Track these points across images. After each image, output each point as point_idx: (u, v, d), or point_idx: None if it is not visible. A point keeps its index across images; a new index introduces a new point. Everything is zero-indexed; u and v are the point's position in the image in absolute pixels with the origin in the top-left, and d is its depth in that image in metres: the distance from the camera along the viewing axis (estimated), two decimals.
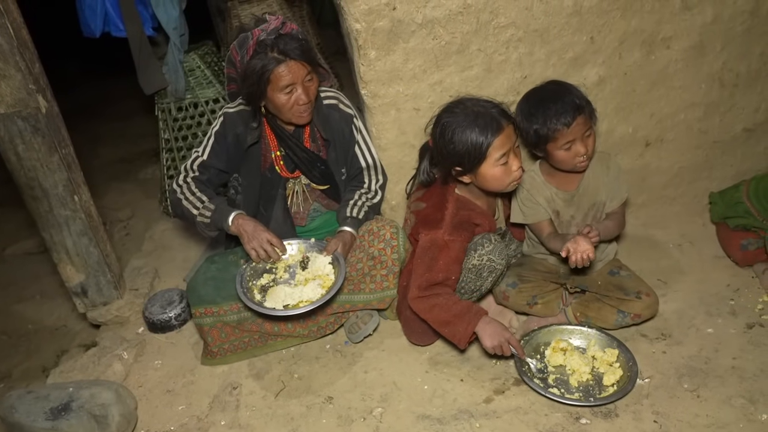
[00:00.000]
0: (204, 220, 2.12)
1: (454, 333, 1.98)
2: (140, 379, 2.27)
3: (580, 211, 2.17)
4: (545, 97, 2.02)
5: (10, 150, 2.19)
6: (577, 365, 1.99)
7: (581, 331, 2.13)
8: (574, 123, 1.96)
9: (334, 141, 2.21)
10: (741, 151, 2.75)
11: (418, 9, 2.10)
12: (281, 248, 2.10)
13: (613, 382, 1.93)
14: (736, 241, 2.42)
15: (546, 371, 2.02)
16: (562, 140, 1.99)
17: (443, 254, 2.00)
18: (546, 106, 1.99)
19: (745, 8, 2.40)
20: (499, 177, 1.94)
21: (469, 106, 1.93)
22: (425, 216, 2.10)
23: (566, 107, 1.96)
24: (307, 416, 1.98)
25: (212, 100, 3.32)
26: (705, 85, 2.52)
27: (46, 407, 1.94)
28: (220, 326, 2.18)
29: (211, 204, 2.13)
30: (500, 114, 1.90)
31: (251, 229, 2.07)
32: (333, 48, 5.22)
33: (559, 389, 1.93)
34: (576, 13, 2.23)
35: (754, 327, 2.11)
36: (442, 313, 1.99)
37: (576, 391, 1.93)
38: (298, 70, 2.00)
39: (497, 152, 1.89)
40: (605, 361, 2.00)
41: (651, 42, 2.37)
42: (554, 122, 1.96)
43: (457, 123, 1.91)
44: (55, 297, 3.17)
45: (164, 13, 3.03)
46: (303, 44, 2.01)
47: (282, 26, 2.00)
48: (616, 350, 2.02)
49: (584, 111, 1.98)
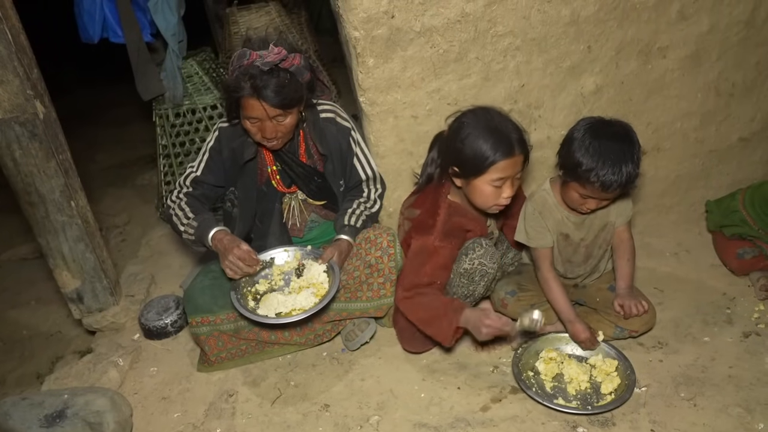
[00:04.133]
0: (189, 237, 2.12)
1: (437, 331, 1.96)
2: (136, 386, 2.26)
3: (591, 233, 2.10)
4: (610, 147, 1.82)
5: (7, 155, 2.18)
6: (575, 374, 1.99)
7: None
8: (615, 192, 1.87)
9: (331, 155, 2.19)
10: (737, 160, 2.76)
11: (417, 17, 2.11)
12: (251, 262, 2.03)
13: (611, 391, 1.92)
14: (732, 250, 2.42)
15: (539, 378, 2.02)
16: (591, 193, 1.89)
17: (431, 260, 2.00)
18: (607, 156, 1.81)
19: (740, 18, 2.42)
20: (486, 195, 1.93)
21: (494, 119, 1.90)
22: (418, 222, 2.10)
23: (620, 169, 1.80)
24: (303, 424, 1.97)
25: (210, 107, 3.32)
26: (701, 95, 2.54)
27: (41, 414, 1.93)
28: (216, 335, 2.17)
29: (195, 221, 2.11)
30: (517, 141, 1.87)
31: (223, 248, 2.03)
32: (331, 55, 5.24)
33: (557, 397, 1.93)
34: (573, 22, 2.24)
35: (750, 336, 2.12)
36: (425, 312, 1.98)
37: (574, 399, 1.93)
38: (266, 110, 1.94)
39: (496, 174, 1.87)
40: (603, 370, 1.99)
41: (648, 51, 2.39)
42: (606, 175, 1.80)
43: (475, 127, 1.89)
44: (50, 303, 3.16)
45: (163, 20, 3.04)
46: (285, 86, 1.93)
47: (281, 61, 1.94)
48: (615, 360, 2.01)
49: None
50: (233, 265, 2.01)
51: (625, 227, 2.13)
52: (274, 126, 2.00)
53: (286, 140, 2.10)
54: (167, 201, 2.21)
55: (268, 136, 2.01)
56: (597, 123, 1.90)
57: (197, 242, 2.12)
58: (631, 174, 1.82)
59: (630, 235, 2.15)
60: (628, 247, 2.12)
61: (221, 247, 2.04)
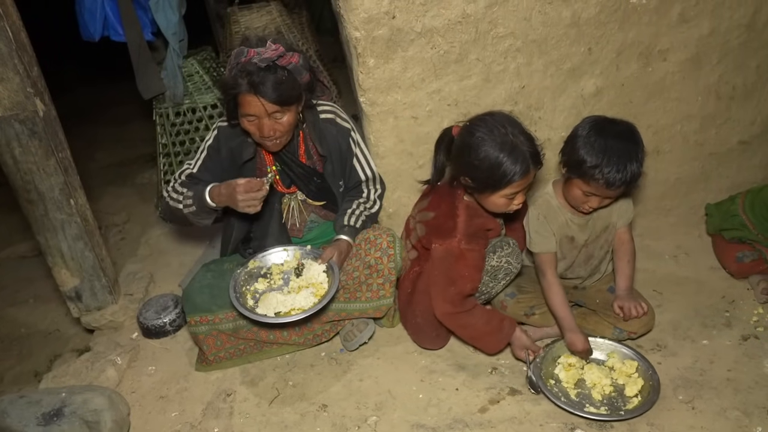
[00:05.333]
0: (191, 210, 2.08)
1: (485, 345, 2.09)
2: (133, 385, 2.26)
3: (594, 234, 2.11)
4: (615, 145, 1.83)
5: (7, 153, 2.18)
6: (597, 378, 1.96)
7: (598, 343, 2.08)
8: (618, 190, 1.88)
9: (330, 156, 2.19)
10: (737, 164, 2.76)
11: (418, 18, 2.11)
12: (257, 185, 1.96)
13: (636, 392, 1.90)
14: (731, 253, 2.43)
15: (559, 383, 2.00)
16: (595, 190, 1.90)
17: (460, 264, 1.97)
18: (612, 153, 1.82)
19: (741, 22, 2.42)
20: (499, 206, 1.93)
21: (509, 134, 1.83)
22: (437, 225, 2.05)
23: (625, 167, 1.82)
24: (300, 424, 1.97)
25: (210, 106, 3.32)
26: (701, 98, 2.54)
27: (38, 412, 1.93)
28: (215, 334, 2.17)
29: (190, 192, 2.08)
30: (532, 157, 1.83)
31: (227, 195, 1.98)
32: (331, 55, 5.24)
33: (585, 405, 1.89)
34: (574, 24, 2.24)
35: (749, 339, 2.12)
36: (475, 330, 2.05)
37: (601, 405, 1.90)
38: (263, 105, 1.93)
39: (511, 190, 1.86)
40: (624, 371, 1.97)
41: (648, 54, 2.39)
42: (610, 172, 1.82)
43: (491, 144, 1.82)
44: (48, 301, 3.15)
45: (164, 18, 3.04)
46: (282, 83, 1.93)
47: (279, 58, 1.93)
48: (634, 361, 2.00)
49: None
50: (247, 201, 1.95)
51: (626, 229, 2.13)
52: (272, 124, 1.98)
53: (286, 141, 2.09)
54: (164, 196, 2.19)
55: (266, 134, 1.99)
56: (602, 121, 1.90)
57: (201, 211, 2.07)
58: (635, 172, 1.83)
59: (631, 236, 2.15)
60: (628, 249, 2.13)
61: (225, 197, 1.99)
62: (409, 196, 2.47)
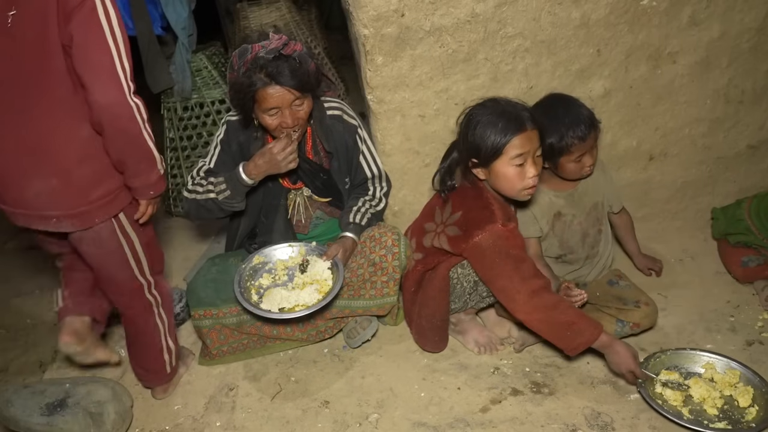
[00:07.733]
0: (226, 194, 2.07)
1: (576, 334, 1.83)
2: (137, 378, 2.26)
3: (582, 210, 2.22)
4: (559, 112, 2.05)
5: None
6: (705, 392, 1.86)
7: (690, 355, 2.01)
8: (590, 137, 2.04)
9: (337, 152, 2.19)
10: (744, 168, 2.75)
11: (427, 16, 2.11)
12: (287, 143, 1.99)
13: (750, 403, 1.81)
14: (737, 258, 2.42)
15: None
16: (576, 153, 2.06)
17: (512, 243, 1.90)
18: (562, 121, 2.03)
19: (752, 25, 2.40)
20: (511, 178, 1.88)
21: (501, 104, 1.92)
22: (472, 218, 1.97)
23: (582, 122, 2.03)
24: (302, 420, 1.98)
25: (218, 101, 3.33)
26: (710, 101, 2.53)
27: (42, 402, 1.94)
28: (219, 328, 2.18)
29: (221, 177, 2.09)
30: (527, 117, 1.86)
31: (264, 163, 2.00)
32: (340, 52, 5.24)
33: (706, 422, 1.78)
34: (583, 25, 2.24)
35: (753, 344, 2.11)
36: (567, 315, 1.84)
37: (719, 420, 1.79)
38: (284, 95, 1.93)
39: (514, 150, 1.84)
40: (726, 382, 1.89)
41: (657, 56, 2.38)
42: (571, 137, 2.03)
43: (483, 114, 1.90)
44: (54, 292, 3.16)
45: (173, 13, 3.05)
46: (297, 69, 1.92)
47: (283, 47, 1.93)
48: (737, 370, 1.92)
49: (597, 126, 2.06)
50: (286, 158, 1.99)
51: (622, 212, 2.38)
52: (294, 113, 1.98)
53: (302, 134, 2.09)
54: (184, 195, 2.17)
55: (289, 123, 1.98)
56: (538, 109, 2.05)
57: (236, 193, 2.07)
58: (590, 113, 2.07)
59: (628, 215, 2.43)
60: (627, 224, 2.44)
61: (264, 165, 2.01)
62: (414, 195, 2.47)
